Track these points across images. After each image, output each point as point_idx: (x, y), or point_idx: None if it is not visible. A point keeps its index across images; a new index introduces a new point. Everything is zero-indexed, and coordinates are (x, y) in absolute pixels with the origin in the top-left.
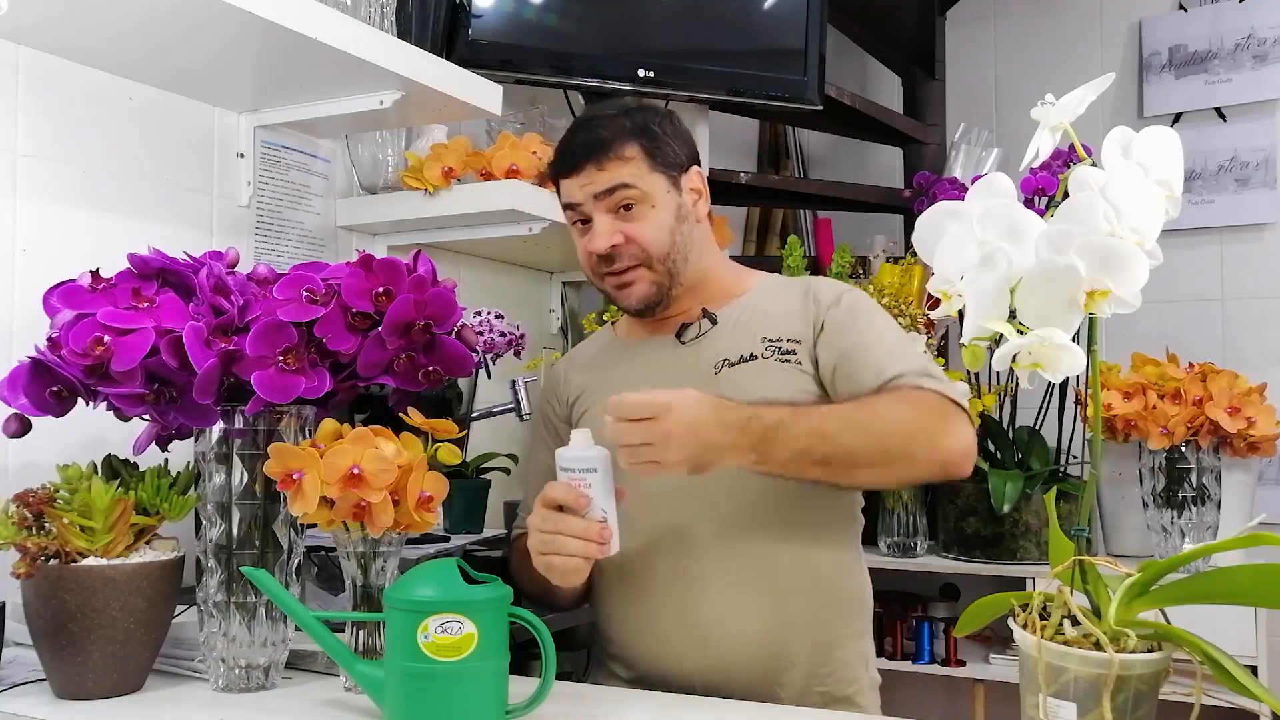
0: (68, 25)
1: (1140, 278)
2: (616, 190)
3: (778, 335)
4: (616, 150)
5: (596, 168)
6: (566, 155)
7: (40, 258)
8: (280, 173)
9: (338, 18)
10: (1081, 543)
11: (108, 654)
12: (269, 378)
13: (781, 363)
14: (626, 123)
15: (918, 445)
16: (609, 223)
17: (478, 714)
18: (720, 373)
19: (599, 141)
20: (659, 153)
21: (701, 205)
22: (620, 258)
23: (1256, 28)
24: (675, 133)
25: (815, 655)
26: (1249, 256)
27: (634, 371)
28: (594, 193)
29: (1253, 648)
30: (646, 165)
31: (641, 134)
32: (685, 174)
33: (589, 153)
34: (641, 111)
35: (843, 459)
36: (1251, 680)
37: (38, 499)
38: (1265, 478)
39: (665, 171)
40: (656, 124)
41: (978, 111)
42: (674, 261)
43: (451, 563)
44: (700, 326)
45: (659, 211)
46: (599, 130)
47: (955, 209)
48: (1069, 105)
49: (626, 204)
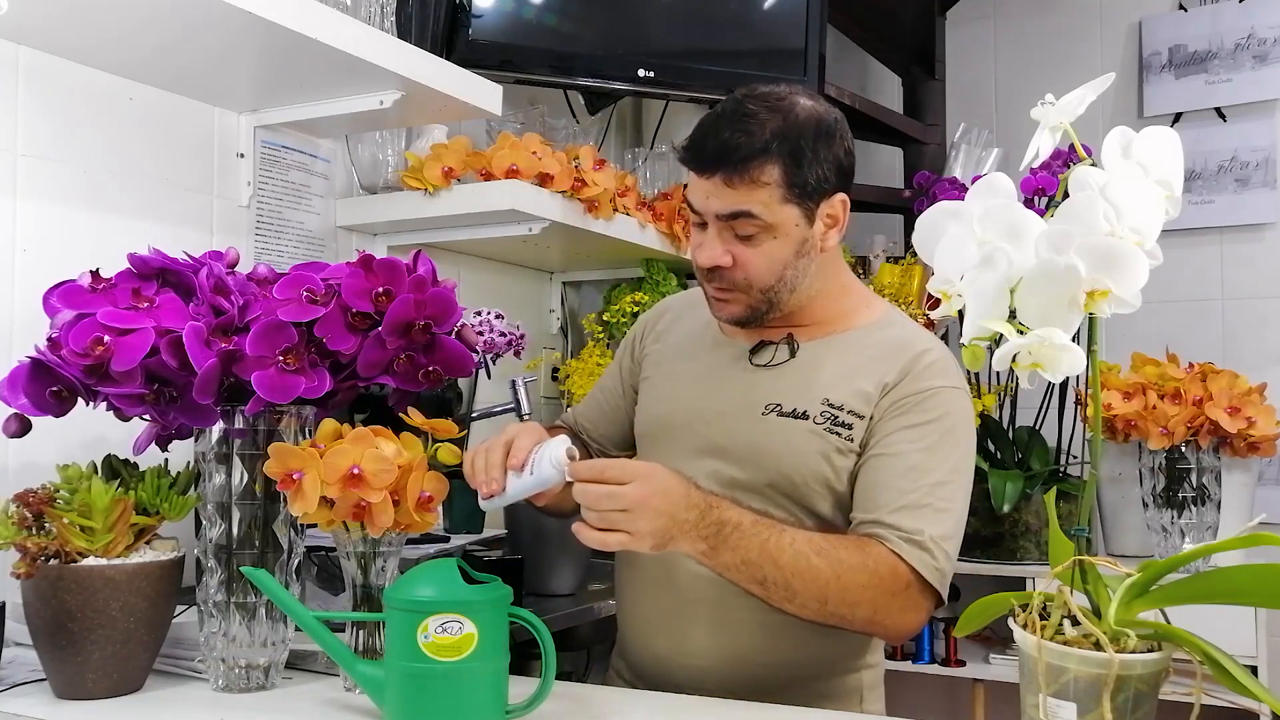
0: (68, 25)
1: (1140, 278)
2: (739, 217)
3: (840, 402)
4: (754, 170)
5: (726, 183)
6: (701, 151)
7: (40, 258)
8: (280, 173)
9: (338, 18)
10: (1081, 543)
11: (108, 654)
12: (269, 378)
13: (831, 434)
14: (775, 141)
15: (857, 615)
16: (721, 240)
17: (478, 714)
18: (767, 416)
19: (737, 153)
20: (800, 181)
21: (833, 235)
22: (721, 278)
23: (1256, 28)
24: (830, 154)
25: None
26: (1249, 256)
27: (693, 373)
28: (716, 210)
29: (1253, 648)
30: (781, 194)
31: (788, 156)
32: (826, 202)
33: (723, 162)
34: (800, 122)
35: (781, 591)
36: (1251, 680)
37: (38, 499)
38: (1265, 478)
39: (801, 203)
40: (811, 145)
41: (978, 111)
42: (776, 292)
43: (451, 563)
44: (775, 353)
45: (779, 244)
46: (742, 135)
47: (955, 209)
48: (1069, 105)
49: (747, 234)
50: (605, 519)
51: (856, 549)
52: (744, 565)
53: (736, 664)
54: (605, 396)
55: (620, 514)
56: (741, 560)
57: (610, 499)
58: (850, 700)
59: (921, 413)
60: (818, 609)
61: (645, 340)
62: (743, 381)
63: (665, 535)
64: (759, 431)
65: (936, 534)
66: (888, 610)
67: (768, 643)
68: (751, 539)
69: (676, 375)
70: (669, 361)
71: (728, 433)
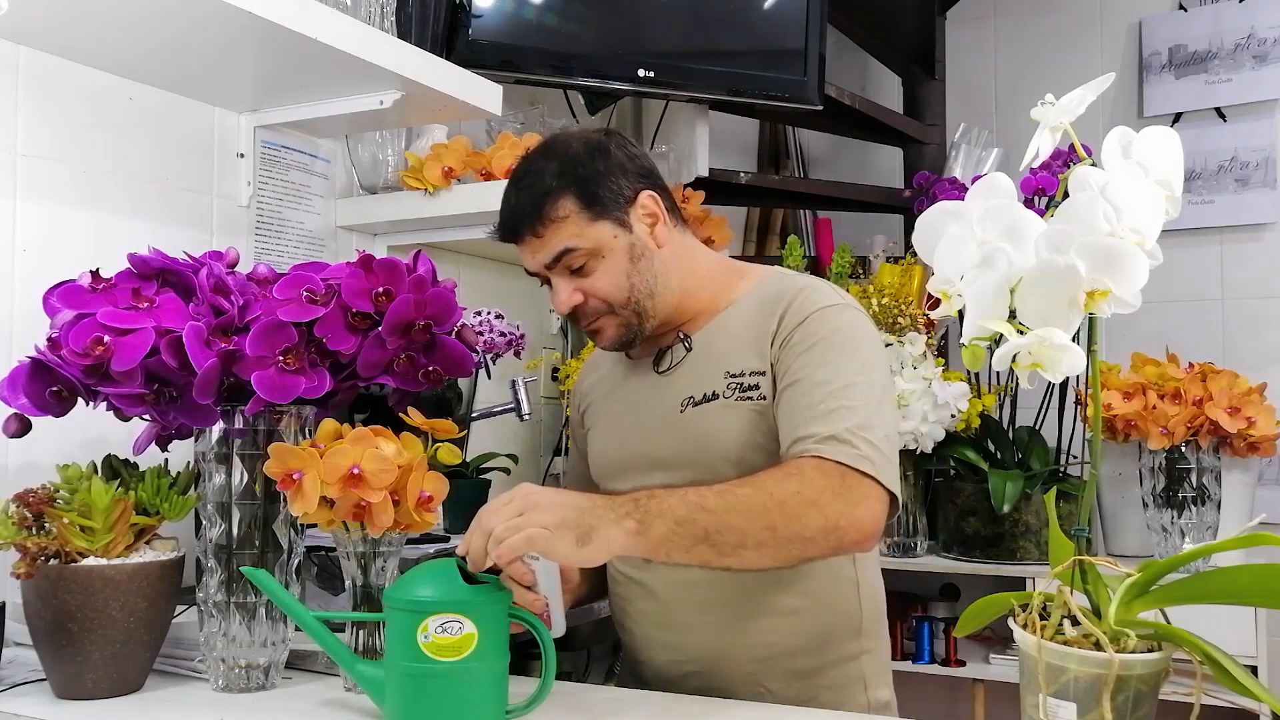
0: (68, 25)
1: (1140, 278)
2: (562, 256)
3: (740, 369)
4: (549, 212)
5: (535, 236)
6: (505, 224)
7: (40, 257)
8: (280, 173)
9: (337, 17)
10: (1081, 543)
11: (108, 654)
12: (269, 378)
13: (743, 400)
14: (555, 179)
15: (812, 527)
16: (566, 285)
17: (478, 714)
18: (685, 412)
19: (531, 207)
20: (595, 200)
21: (660, 230)
22: (585, 314)
23: (1257, 27)
24: (611, 166)
25: (792, 681)
26: (1249, 256)
27: (622, 408)
28: (544, 263)
29: (1253, 648)
30: (585, 218)
31: (572, 184)
32: (633, 205)
33: (524, 221)
34: (572, 155)
35: (730, 537)
36: (1251, 680)
37: (38, 499)
38: (1265, 478)
39: (607, 216)
40: (589, 164)
41: (978, 111)
42: (637, 303)
43: (451, 563)
44: (673, 355)
45: (610, 261)
46: (527, 191)
47: (955, 209)
48: (1069, 105)
49: (577, 265)
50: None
51: (778, 470)
52: (679, 526)
53: (731, 663)
54: (583, 467)
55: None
56: (675, 523)
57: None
58: (854, 689)
59: (807, 336)
60: (773, 540)
61: (581, 402)
62: (657, 392)
63: (580, 524)
64: (684, 428)
65: (849, 427)
66: (837, 510)
67: (755, 636)
68: (674, 498)
69: (608, 414)
70: (601, 408)
71: (660, 442)
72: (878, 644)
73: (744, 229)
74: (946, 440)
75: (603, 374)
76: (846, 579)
